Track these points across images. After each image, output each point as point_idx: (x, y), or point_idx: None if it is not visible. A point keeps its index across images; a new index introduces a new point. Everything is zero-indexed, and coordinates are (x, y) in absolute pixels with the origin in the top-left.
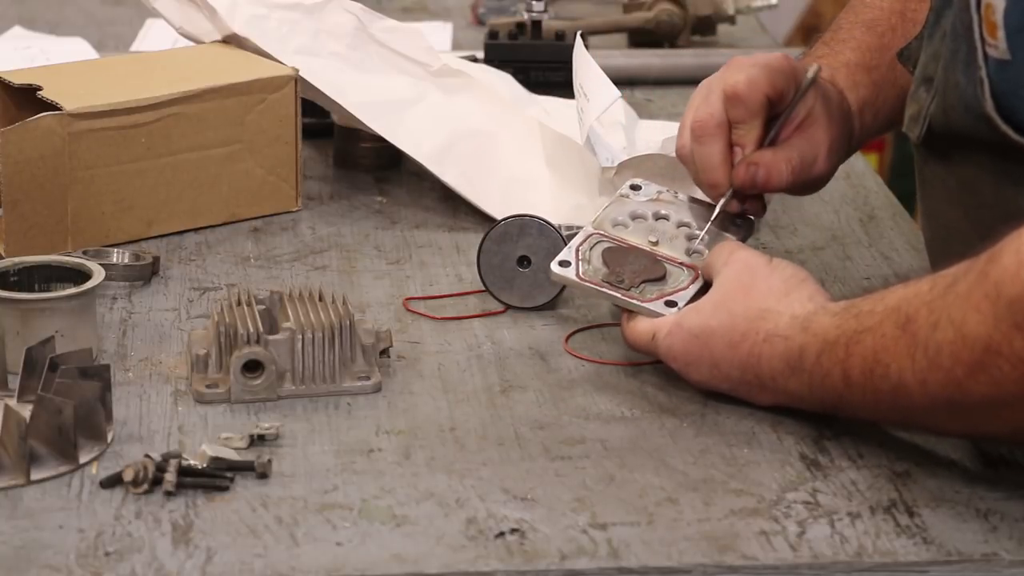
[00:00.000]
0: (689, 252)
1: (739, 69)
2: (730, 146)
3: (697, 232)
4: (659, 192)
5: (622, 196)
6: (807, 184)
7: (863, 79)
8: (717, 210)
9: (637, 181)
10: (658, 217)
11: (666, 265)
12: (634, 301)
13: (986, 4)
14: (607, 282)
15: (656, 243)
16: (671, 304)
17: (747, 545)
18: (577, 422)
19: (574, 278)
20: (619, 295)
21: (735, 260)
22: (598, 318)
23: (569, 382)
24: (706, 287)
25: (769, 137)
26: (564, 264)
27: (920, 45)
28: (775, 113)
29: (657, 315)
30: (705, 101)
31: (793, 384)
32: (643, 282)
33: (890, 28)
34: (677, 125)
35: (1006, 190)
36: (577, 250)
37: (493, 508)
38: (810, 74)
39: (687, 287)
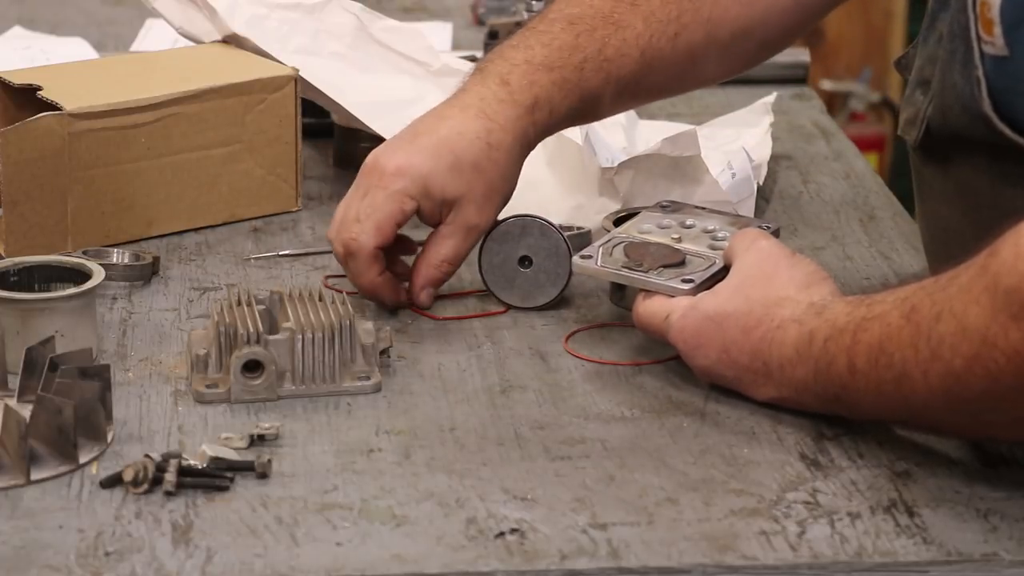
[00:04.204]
0: (713, 249)
1: (356, 219)
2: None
3: (722, 234)
4: (688, 208)
5: (649, 211)
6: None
7: (541, 78)
8: None
9: (667, 201)
10: (685, 226)
11: (686, 255)
12: (651, 280)
13: (981, 2)
14: (626, 268)
15: (679, 240)
16: (688, 281)
17: (747, 545)
18: (577, 422)
19: (594, 267)
20: (636, 276)
21: (758, 248)
22: (598, 318)
23: (569, 382)
24: (724, 271)
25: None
26: (586, 257)
27: (915, 53)
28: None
29: (673, 291)
30: (354, 222)
31: (800, 372)
32: (661, 267)
33: (589, 29)
34: (677, 125)
35: (1004, 191)
36: (600, 247)
37: (493, 508)
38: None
39: (705, 268)
